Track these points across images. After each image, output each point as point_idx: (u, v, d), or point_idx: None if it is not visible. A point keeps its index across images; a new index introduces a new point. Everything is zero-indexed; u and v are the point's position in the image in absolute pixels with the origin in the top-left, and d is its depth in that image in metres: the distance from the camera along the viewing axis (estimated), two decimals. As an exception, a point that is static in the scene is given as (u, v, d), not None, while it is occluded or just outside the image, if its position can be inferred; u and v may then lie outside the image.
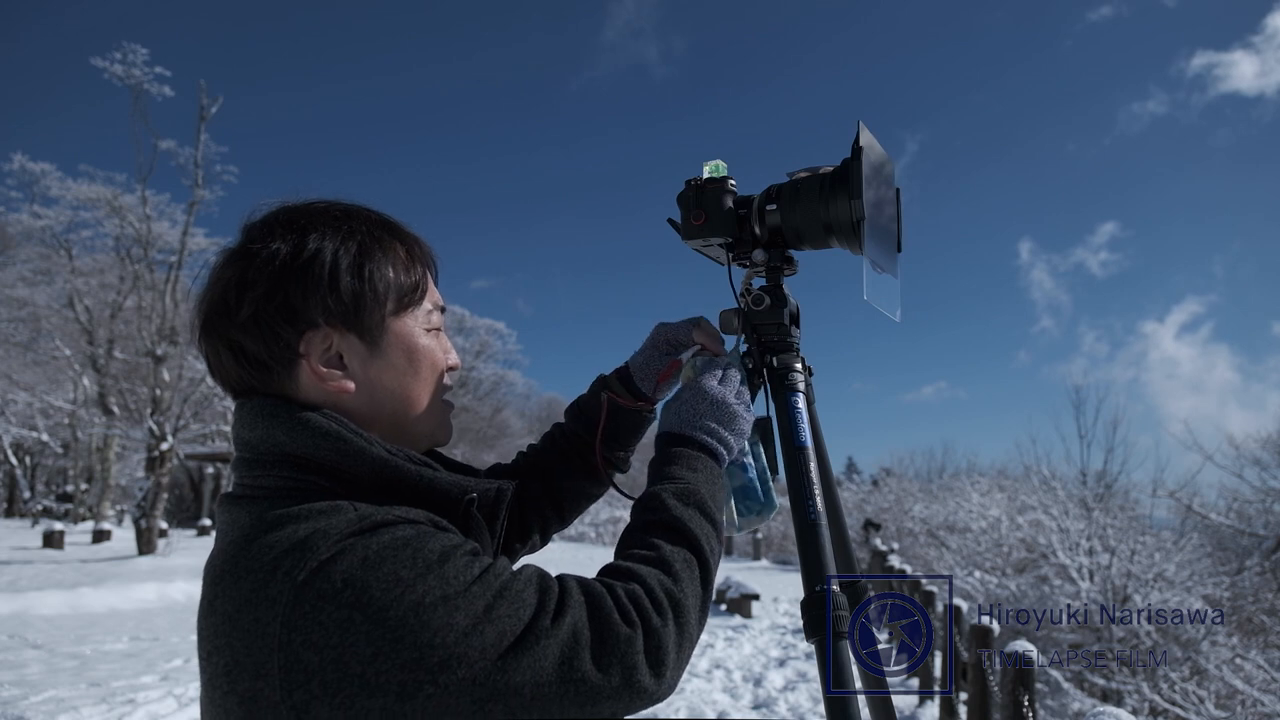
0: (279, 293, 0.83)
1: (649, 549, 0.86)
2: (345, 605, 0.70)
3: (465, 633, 0.72)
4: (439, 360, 0.94)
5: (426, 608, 0.71)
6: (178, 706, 5.87)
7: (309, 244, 0.85)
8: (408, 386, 0.90)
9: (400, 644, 0.70)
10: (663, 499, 0.91)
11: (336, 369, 0.86)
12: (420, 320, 0.92)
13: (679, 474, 0.95)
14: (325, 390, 0.86)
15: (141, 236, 19.60)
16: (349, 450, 0.82)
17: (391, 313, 0.89)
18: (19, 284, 24.46)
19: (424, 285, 0.93)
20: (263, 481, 0.83)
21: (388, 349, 0.89)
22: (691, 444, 0.98)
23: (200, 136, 18.85)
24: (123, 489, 29.77)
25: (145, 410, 18.24)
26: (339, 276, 0.85)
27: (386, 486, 0.83)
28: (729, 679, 7.64)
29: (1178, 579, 10.74)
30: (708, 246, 1.23)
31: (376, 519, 0.76)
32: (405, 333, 0.90)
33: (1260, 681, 7.77)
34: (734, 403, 1.03)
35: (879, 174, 1.17)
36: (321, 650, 0.70)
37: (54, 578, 12.67)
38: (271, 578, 0.72)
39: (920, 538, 18.84)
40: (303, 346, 0.85)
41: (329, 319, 0.85)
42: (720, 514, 0.95)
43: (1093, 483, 14.50)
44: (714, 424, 1.01)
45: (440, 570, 0.74)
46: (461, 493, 0.87)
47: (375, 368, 0.88)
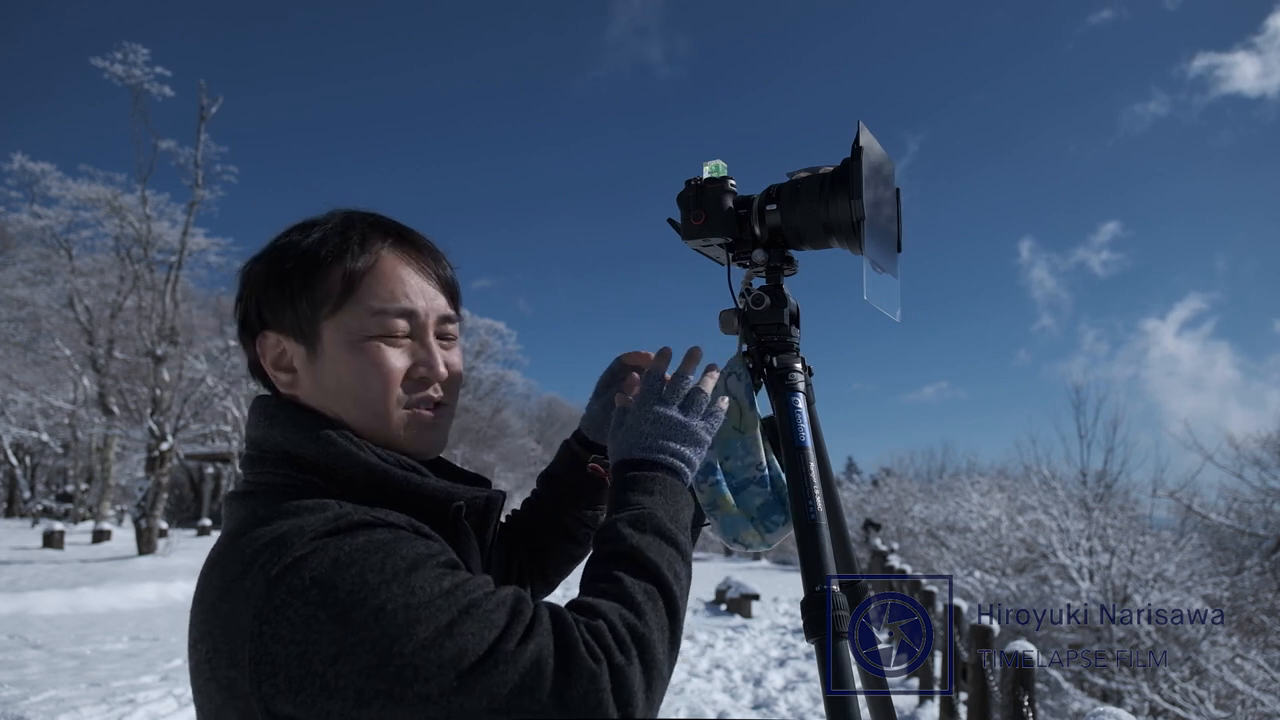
0: (241, 302, 0.93)
1: (610, 582, 0.82)
2: (311, 603, 0.71)
3: (424, 645, 0.70)
4: (383, 360, 0.88)
5: (388, 614, 0.70)
6: (178, 706, 5.87)
7: (268, 254, 0.91)
8: (349, 389, 0.88)
9: (359, 648, 0.70)
10: (618, 529, 0.86)
11: (285, 371, 0.91)
12: (358, 320, 0.88)
13: (633, 499, 0.89)
14: (285, 392, 0.91)
15: (141, 236, 19.60)
16: (337, 452, 0.84)
17: (326, 316, 0.88)
18: (19, 284, 24.45)
19: (359, 282, 0.88)
20: (263, 478, 0.86)
21: (324, 351, 0.88)
22: (644, 465, 0.93)
23: (200, 136, 18.86)
24: (123, 489, 29.76)
25: (145, 410, 18.24)
26: (269, 287, 0.90)
27: (377, 489, 0.85)
28: (729, 679, 7.64)
29: (1178, 579, 10.74)
30: (708, 246, 1.23)
31: (354, 519, 0.77)
32: (338, 333, 0.88)
33: (1260, 681, 7.76)
34: (678, 415, 0.98)
35: (879, 174, 1.17)
36: (287, 645, 0.70)
37: (54, 578, 12.67)
38: (248, 571, 0.74)
39: (920, 538, 18.83)
40: (258, 349, 0.91)
41: (273, 324, 0.90)
42: (684, 533, 0.89)
43: (1093, 483, 14.50)
44: (664, 440, 0.95)
45: (407, 579, 0.73)
46: (449, 500, 0.88)
47: (316, 369, 0.89)
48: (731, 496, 1.13)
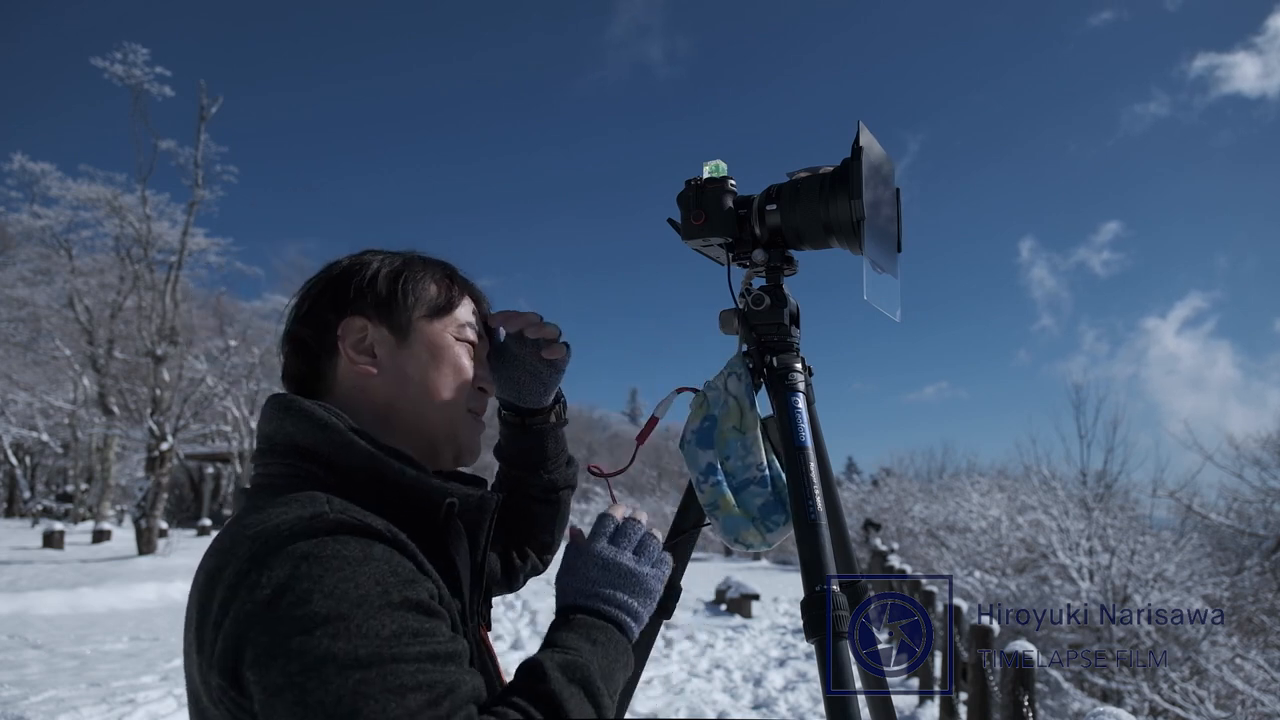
0: (330, 289, 1.00)
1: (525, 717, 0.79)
2: (259, 603, 0.73)
3: (333, 694, 0.69)
4: (464, 365, 1.00)
5: (311, 649, 0.70)
6: (177, 706, 5.86)
7: (362, 259, 1.02)
8: (429, 379, 0.98)
9: (277, 657, 0.71)
10: (545, 668, 0.81)
11: (366, 355, 0.97)
12: (450, 328, 1.01)
13: (573, 642, 0.86)
14: (355, 373, 0.96)
15: (141, 236, 19.60)
16: (339, 441, 0.88)
17: (422, 316, 0.99)
18: (19, 284, 24.46)
19: (457, 303, 1.02)
20: (268, 470, 0.90)
21: (414, 343, 0.98)
22: (591, 613, 0.91)
23: (200, 136, 18.86)
24: (123, 489, 29.76)
25: (145, 410, 18.23)
26: (378, 279, 0.99)
27: (373, 482, 0.87)
28: (729, 679, 7.64)
29: (1178, 579, 10.73)
30: (708, 246, 1.23)
31: (331, 519, 0.78)
32: (432, 333, 1.00)
33: (1260, 681, 7.76)
34: (633, 565, 0.95)
35: (879, 174, 1.17)
36: (233, 639, 0.74)
37: (54, 578, 12.67)
38: (228, 561, 0.77)
39: (920, 538, 18.82)
40: (341, 329, 0.97)
41: (364, 310, 0.98)
42: (611, 696, 0.85)
43: (1093, 483, 14.49)
44: (613, 591, 0.93)
45: (344, 623, 0.71)
46: (442, 496, 0.88)
47: (400, 358, 0.98)
48: (732, 496, 1.13)
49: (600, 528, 0.99)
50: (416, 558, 0.81)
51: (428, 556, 0.84)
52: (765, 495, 1.12)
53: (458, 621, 0.85)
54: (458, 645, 0.78)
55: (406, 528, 0.83)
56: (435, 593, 0.81)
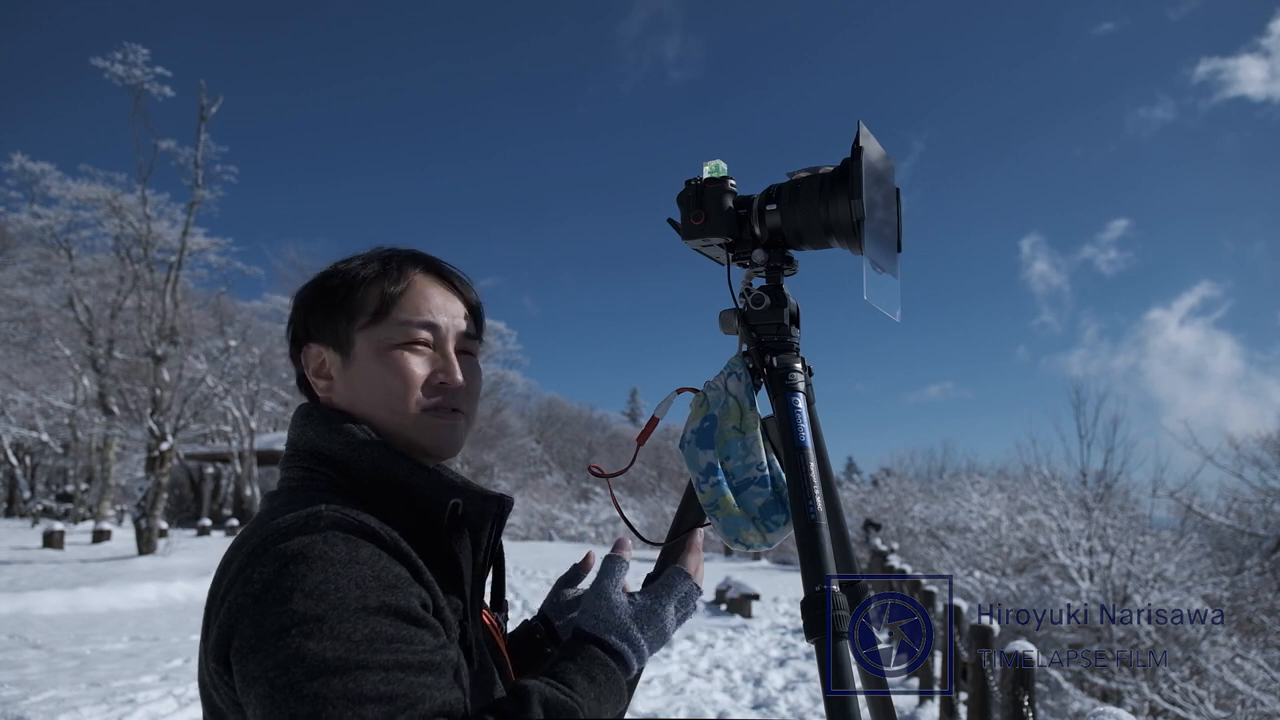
0: (295, 317, 1.04)
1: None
2: (249, 596, 0.77)
3: (295, 695, 0.70)
4: (406, 368, 0.97)
5: (284, 646, 0.72)
6: (178, 706, 5.87)
7: (317, 279, 1.03)
8: (374, 390, 0.97)
9: (256, 650, 0.74)
10: (531, 701, 0.80)
11: (325, 379, 1.01)
12: (391, 332, 0.98)
13: (571, 678, 0.85)
14: (323, 398, 1.01)
15: (141, 236, 19.61)
16: (355, 444, 0.92)
17: (361, 327, 0.99)
18: (19, 284, 24.49)
19: (395, 302, 0.98)
20: (289, 474, 0.96)
21: (355, 358, 0.99)
22: (603, 646, 0.91)
23: (200, 136, 18.85)
24: (123, 489, 29.77)
25: (145, 410, 18.24)
26: (319, 302, 1.01)
27: (383, 484, 0.91)
28: (729, 679, 7.64)
29: (1178, 579, 10.74)
30: (707, 246, 1.23)
31: (326, 516, 0.81)
32: (372, 342, 0.98)
33: (1260, 681, 7.77)
34: (668, 621, 0.96)
35: (879, 174, 1.17)
36: (226, 628, 0.78)
37: (54, 578, 12.67)
38: (235, 556, 0.82)
39: (920, 538, 18.82)
40: (303, 359, 1.02)
41: (317, 336, 1.01)
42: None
43: (1093, 483, 14.49)
44: (630, 625, 0.93)
45: (319, 624, 0.73)
46: (448, 496, 0.91)
47: (349, 375, 0.99)
48: (732, 496, 1.13)
49: (670, 584, 0.99)
50: (413, 562, 0.82)
51: (432, 557, 0.86)
52: (765, 495, 1.12)
53: (453, 623, 0.86)
54: (438, 656, 0.78)
55: (413, 529, 0.86)
56: (425, 600, 0.82)
